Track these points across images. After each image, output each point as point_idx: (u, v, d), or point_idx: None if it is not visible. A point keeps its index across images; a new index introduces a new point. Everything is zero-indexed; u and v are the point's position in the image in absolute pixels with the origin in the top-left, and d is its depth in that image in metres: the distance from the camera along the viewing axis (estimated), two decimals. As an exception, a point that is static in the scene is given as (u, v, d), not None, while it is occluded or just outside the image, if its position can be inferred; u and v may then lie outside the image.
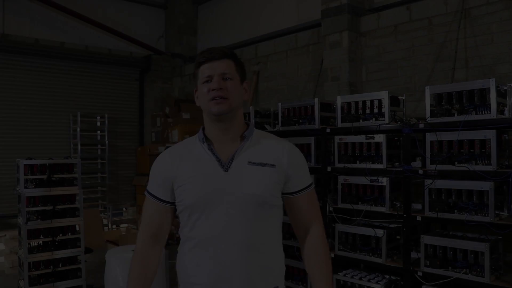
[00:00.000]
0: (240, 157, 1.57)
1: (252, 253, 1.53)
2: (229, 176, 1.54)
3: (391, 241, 3.71)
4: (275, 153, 1.61)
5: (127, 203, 8.32)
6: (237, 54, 1.67)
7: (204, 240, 1.54)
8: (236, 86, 1.59)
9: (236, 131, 1.62)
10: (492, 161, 3.02)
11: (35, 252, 4.17)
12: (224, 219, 1.52)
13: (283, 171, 1.60)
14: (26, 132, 7.23)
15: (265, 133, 1.72)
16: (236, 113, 1.61)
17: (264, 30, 6.97)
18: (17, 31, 7.18)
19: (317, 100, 4.21)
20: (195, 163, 1.59)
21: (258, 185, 1.54)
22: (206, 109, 1.59)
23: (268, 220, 1.59)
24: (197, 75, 1.62)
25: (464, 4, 4.36)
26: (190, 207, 1.56)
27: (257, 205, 1.54)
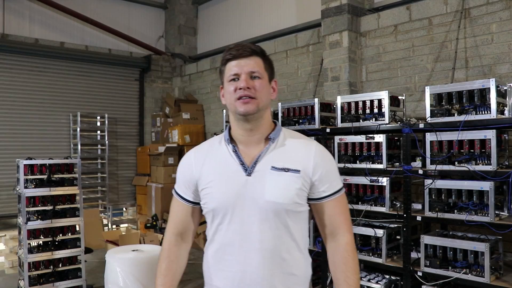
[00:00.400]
0: (263, 160, 1.51)
1: (274, 260, 1.49)
2: (252, 181, 1.49)
3: (391, 241, 3.71)
4: (300, 157, 1.53)
5: (127, 203, 8.32)
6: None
7: (226, 244, 1.52)
8: (264, 85, 1.52)
9: (262, 132, 1.55)
10: (492, 161, 3.02)
11: (35, 252, 4.17)
12: (246, 225, 1.49)
13: (308, 177, 1.52)
14: (26, 132, 7.23)
15: (293, 133, 1.63)
16: (263, 113, 1.54)
17: (264, 30, 6.97)
18: (17, 31, 7.18)
19: (317, 100, 4.21)
20: (218, 165, 1.55)
21: (281, 193, 1.48)
22: (232, 109, 1.53)
23: (292, 227, 1.52)
24: (223, 72, 1.55)
25: (464, 4, 4.37)
26: (213, 211, 1.53)
27: (279, 213, 1.48)
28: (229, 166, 1.53)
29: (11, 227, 6.71)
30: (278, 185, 1.48)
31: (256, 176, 1.49)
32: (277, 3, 6.83)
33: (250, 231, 1.48)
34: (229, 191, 1.50)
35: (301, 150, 1.55)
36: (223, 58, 1.55)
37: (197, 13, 8.75)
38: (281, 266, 1.50)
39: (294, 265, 1.53)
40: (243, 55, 1.50)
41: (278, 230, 1.49)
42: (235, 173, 1.51)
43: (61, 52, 7.53)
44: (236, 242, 1.50)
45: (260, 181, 1.49)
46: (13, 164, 5.02)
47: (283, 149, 1.54)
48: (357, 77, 5.26)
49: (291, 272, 1.52)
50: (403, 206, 3.56)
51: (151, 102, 8.56)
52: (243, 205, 1.48)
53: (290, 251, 1.51)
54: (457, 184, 3.21)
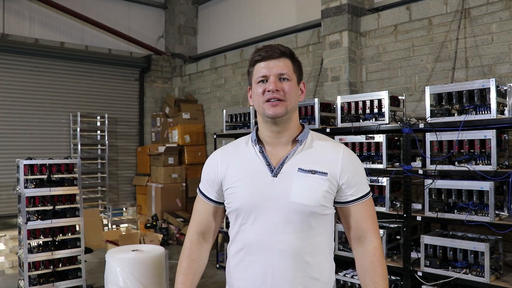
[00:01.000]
0: (290, 162, 1.50)
1: (297, 263, 1.46)
2: (278, 182, 1.48)
3: (391, 241, 3.71)
4: (328, 160, 1.51)
5: (127, 203, 8.32)
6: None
7: (249, 245, 1.50)
8: (293, 88, 1.50)
9: (290, 134, 1.54)
10: (492, 161, 3.02)
11: (35, 252, 4.17)
12: (270, 226, 1.47)
13: (335, 180, 1.50)
14: (26, 132, 7.23)
15: (321, 136, 1.62)
16: (292, 115, 1.53)
17: (264, 30, 6.97)
18: (17, 31, 7.18)
19: (317, 100, 4.21)
20: (244, 165, 1.54)
21: (307, 195, 1.46)
22: (260, 110, 1.52)
23: (317, 230, 1.49)
24: (251, 74, 1.55)
25: (464, 4, 4.37)
26: (237, 211, 1.52)
27: (304, 215, 1.46)
28: (255, 166, 1.52)
29: (11, 227, 6.71)
30: (305, 186, 1.46)
31: (282, 177, 1.48)
32: (277, 3, 6.83)
33: (274, 232, 1.46)
34: (254, 191, 1.49)
35: (329, 153, 1.53)
36: (251, 59, 1.54)
37: (197, 13, 8.75)
38: (304, 269, 1.47)
39: (318, 269, 1.50)
40: (272, 56, 1.49)
41: (302, 232, 1.47)
42: (261, 174, 1.50)
43: (61, 52, 7.53)
44: (258, 242, 1.48)
45: (286, 182, 1.47)
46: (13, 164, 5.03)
47: (311, 151, 1.53)
48: (357, 77, 5.27)
49: (314, 277, 1.49)
50: (403, 206, 3.56)
51: (151, 102, 8.57)
52: (267, 205, 1.47)
53: (313, 255, 1.49)
54: (457, 184, 3.21)
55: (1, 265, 5.66)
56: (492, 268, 3.01)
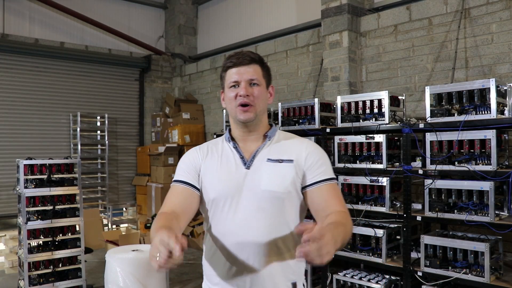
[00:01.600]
0: (260, 155, 1.63)
1: (270, 248, 1.55)
2: (250, 174, 1.60)
3: (391, 241, 3.71)
4: (294, 149, 1.64)
5: (127, 203, 8.32)
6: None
7: (224, 234, 1.59)
8: (262, 92, 1.63)
9: (259, 131, 1.68)
10: (492, 161, 3.02)
11: (35, 252, 4.17)
12: (243, 214, 1.56)
13: (300, 165, 1.61)
14: (26, 132, 7.23)
15: (287, 133, 1.76)
16: (261, 117, 1.67)
17: (264, 30, 6.97)
18: (17, 31, 7.18)
19: (317, 100, 4.21)
20: (220, 159, 1.66)
21: (276, 182, 1.57)
22: (232, 114, 1.65)
23: (287, 217, 1.59)
24: (223, 78, 1.67)
25: (464, 4, 4.37)
26: (213, 200, 1.61)
27: (275, 201, 1.56)
28: (230, 160, 1.64)
29: (11, 227, 6.71)
30: (273, 174, 1.58)
31: (254, 168, 1.60)
32: (277, 3, 6.83)
33: (247, 220, 1.55)
34: (229, 182, 1.59)
35: (295, 143, 1.68)
36: (224, 65, 1.66)
37: (197, 13, 8.75)
38: (276, 254, 1.56)
39: (288, 254, 1.58)
40: (243, 63, 1.61)
41: (273, 218, 1.56)
42: (236, 167, 1.62)
43: (61, 52, 7.53)
44: (233, 231, 1.56)
45: (257, 172, 1.59)
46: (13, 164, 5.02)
47: (279, 144, 1.67)
48: (357, 77, 5.27)
49: (286, 261, 1.58)
50: (403, 206, 3.56)
51: (151, 102, 8.56)
52: (241, 195, 1.57)
53: (285, 241, 1.58)
54: (457, 184, 3.21)
55: (1, 265, 5.66)
56: (492, 268, 3.01)
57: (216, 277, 1.61)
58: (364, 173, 3.74)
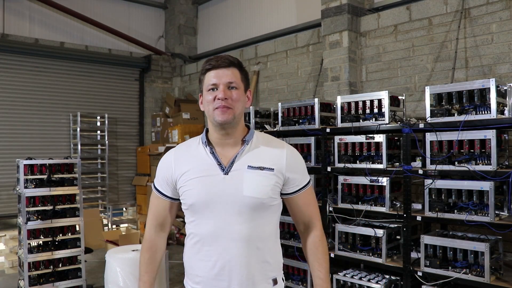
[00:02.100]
0: (239, 161, 1.65)
1: (250, 249, 1.62)
2: (229, 179, 1.62)
3: (391, 241, 3.71)
4: (274, 156, 1.69)
5: (127, 203, 8.32)
6: (237, 55, 1.69)
7: (205, 237, 1.64)
8: (240, 95, 1.65)
9: (237, 135, 1.69)
10: (492, 161, 3.02)
11: (35, 252, 4.17)
12: (224, 219, 1.61)
13: (281, 174, 1.68)
14: (26, 132, 7.23)
15: (265, 136, 1.79)
16: (239, 120, 1.68)
17: (264, 30, 6.97)
18: (17, 31, 7.18)
19: (317, 100, 4.21)
20: (197, 165, 1.67)
21: (257, 189, 1.62)
22: (210, 116, 1.66)
23: (266, 219, 1.67)
24: (202, 81, 1.67)
25: (464, 4, 4.37)
26: (192, 207, 1.66)
27: (255, 207, 1.62)
28: (207, 166, 1.66)
29: (11, 227, 6.71)
30: (255, 181, 1.63)
31: (233, 174, 1.63)
32: (277, 3, 6.83)
33: (228, 223, 1.61)
34: (207, 188, 1.63)
35: (274, 150, 1.71)
36: (202, 68, 1.67)
37: (197, 13, 8.75)
38: (256, 254, 1.64)
39: (268, 253, 1.68)
40: (222, 65, 1.63)
41: (253, 221, 1.63)
42: (213, 172, 1.64)
43: (61, 52, 7.53)
44: (214, 234, 1.63)
45: (237, 178, 1.62)
46: (13, 164, 5.03)
47: (258, 150, 1.69)
48: (357, 77, 5.27)
49: (266, 260, 1.67)
50: (403, 206, 3.56)
51: (151, 102, 8.56)
52: (220, 200, 1.62)
53: (264, 241, 1.66)
54: (457, 184, 3.21)
55: (1, 265, 5.66)
56: (492, 268, 3.01)
57: (198, 277, 1.67)
58: (364, 173, 3.74)
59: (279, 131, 4.43)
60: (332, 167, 3.99)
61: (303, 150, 4.23)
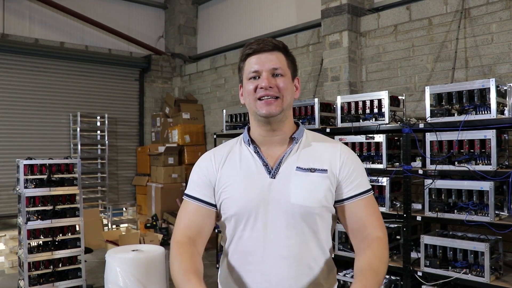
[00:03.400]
0: (288, 161, 1.40)
1: (301, 269, 1.37)
2: (276, 183, 1.38)
3: (391, 241, 3.71)
4: (326, 156, 1.43)
5: (127, 203, 8.32)
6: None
7: (247, 254, 1.39)
8: (288, 83, 1.39)
9: (285, 132, 1.44)
10: (492, 161, 3.02)
11: (35, 252, 4.17)
12: (271, 232, 1.36)
13: (335, 176, 1.41)
14: (26, 132, 7.23)
15: (316, 134, 1.53)
16: (287, 113, 1.43)
17: (264, 30, 6.97)
18: (17, 31, 7.18)
19: (317, 100, 4.21)
20: (239, 167, 1.43)
21: (307, 195, 1.36)
22: (252, 109, 1.41)
23: (319, 233, 1.40)
24: (242, 69, 1.43)
25: (464, 4, 4.37)
26: (233, 216, 1.40)
27: (306, 217, 1.36)
28: (250, 168, 1.41)
29: (11, 227, 6.71)
30: (305, 186, 1.37)
31: (281, 178, 1.38)
32: (277, 3, 6.83)
33: (275, 237, 1.36)
34: (251, 194, 1.38)
35: (327, 149, 1.45)
36: (242, 53, 1.42)
37: (197, 13, 8.75)
38: (308, 275, 1.38)
39: (321, 274, 1.40)
40: (264, 49, 1.38)
41: (304, 236, 1.37)
42: (258, 176, 1.39)
43: (61, 52, 7.53)
44: (259, 250, 1.37)
45: (286, 183, 1.37)
46: (13, 164, 5.02)
47: (308, 149, 1.43)
48: (357, 77, 5.26)
49: (319, 283, 1.40)
50: (403, 206, 3.56)
51: (151, 102, 8.57)
52: (267, 209, 1.36)
53: (317, 260, 1.40)
54: (457, 184, 3.21)
55: (1, 265, 5.66)
56: (492, 268, 3.01)
57: None
58: (364, 173, 3.74)
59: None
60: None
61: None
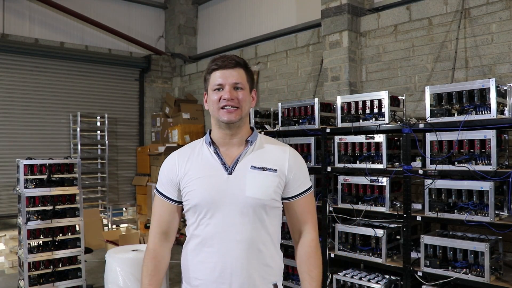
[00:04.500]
0: (243, 161, 1.65)
1: (252, 251, 1.61)
2: (233, 179, 1.62)
3: (391, 241, 3.71)
4: (277, 158, 1.68)
5: (127, 203, 8.32)
6: (238, 54, 1.69)
7: (207, 238, 1.62)
8: (246, 96, 1.65)
9: (241, 136, 1.68)
10: (492, 161, 3.02)
11: (35, 252, 4.17)
12: (227, 219, 1.60)
13: (283, 176, 1.67)
14: (26, 132, 7.24)
15: (268, 138, 1.79)
16: (245, 120, 1.68)
17: (264, 30, 6.97)
18: (17, 31, 7.18)
19: (317, 100, 4.21)
20: (201, 165, 1.66)
21: (260, 189, 1.61)
22: (215, 116, 1.65)
23: (267, 221, 1.65)
24: (208, 80, 1.67)
25: (464, 4, 4.37)
26: (195, 207, 1.63)
27: (258, 208, 1.61)
28: (211, 165, 1.65)
29: (11, 227, 6.71)
30: (258, 182, 1.62)
31: (237, 174, 1.62)
32: (277, 3, 6.83)
33: (231, 224, 1.60)
34: (211, 188, 1.61)
35: (277, 152, 1.70)
36: (208, 68, 1.66)
37: (197, 13, 8.75)
38: (257, 257, 1.62)
39: (269, 257, 1.66)
40: (228, 66, 1.62)
41: (255, 223, 1.61)
42: (217, 172, 1.63)
43: (61, 52, 7.53)
44: (217, 235, 1.60)
45: (241, 178, 1.62)
46: (13, 164, 5.03)
47: (261, 151, 1.69)
48: (357, 77, 5.26)
49: (267, 264, 1.64)
50: (403, 206, 3.56)
51: (151, 102, 8.57)
52: (224, 200, 1.60)
53: (265, 244, 1.64)
54: (457, 184, 3.21)
55: (1, 265, 5.66)
56: (492, 268, 3.01)
57: (197, 280, 1.64)
58: (364, 173, 3.74)
59: (279, 131, 4.43)
60: (332, 167, 3.99)
61: (303, 150, 4.23)
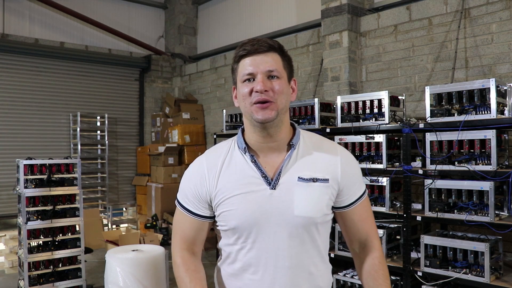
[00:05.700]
0: (288, 171, 1.36)
1: (302, 275, 1.37)
2: (277, 195, 1.34)
3: (391, 241, 3.71)
4: (327, 164, 1.40)
5: (127, 203, 8.32)
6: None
7: (250, 264, 1.37)
8: (283, 86, 1.34)
9: (282, 137, 1.38)
10: (492, 161, 3.02)
11: (35, 252, 4.17)
12: (273, 243, 1.35)
13: (336, 184, 1.40)
14: (26, 132, 7.23)
15: (312, 135, 1.48)
16: (283, 117, 1.37)
17: (264, 30, 6.97)
18: (17, 31, 7.18)
19: (317, 100, 4.21)
20: (237, 178, 1.37)
21: (310, 206, 1.35)
22: (247, 114, 1.35)
23: (319, 239, 1.40)
24: (236, 71, 1.38)
25: (464, 4, 4.37)
26: (234, 230, 1.37)
27: (309, 227, 1.36)
28: (249, 179, 1.36)
29: (11, 227, 6.71)
30: (308, 198, 1.35)
31: (282, 189, 1.34)
32: (277, 3, 6.83)
33: (278, 248, 1.34)
34: (252, 207, 1.34)
35: (327, 156, 1.41)
36: (236, 55, 1.36)
37: (197, 13, 8.75)
38: (308, 280, 1.38)
39: (320, 277, 1.42)
40: (259, 50, 1.31)
41: (306, 244, 1.37)
42: (258, 187, 1.35)
43: (61, 52, 7.53)
44: (261, 261, 1.35)
45: (287, 194, 1.34)
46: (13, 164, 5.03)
47: (308, 158, 1.39)
48: (357, 77, 5.26)
49: (318, 285, 1.41)
50: (403, 206, 3.56)
51: (151, 102, 8.57)
52: (268, 221, 1.34)
53: (317, 265, 1.41)
54: (457, 184, 3.21)
55: (1, 265, 5.66)
56: (492, 268, 3.02)
57: None
58: (364, 173, 3.74)
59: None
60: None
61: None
